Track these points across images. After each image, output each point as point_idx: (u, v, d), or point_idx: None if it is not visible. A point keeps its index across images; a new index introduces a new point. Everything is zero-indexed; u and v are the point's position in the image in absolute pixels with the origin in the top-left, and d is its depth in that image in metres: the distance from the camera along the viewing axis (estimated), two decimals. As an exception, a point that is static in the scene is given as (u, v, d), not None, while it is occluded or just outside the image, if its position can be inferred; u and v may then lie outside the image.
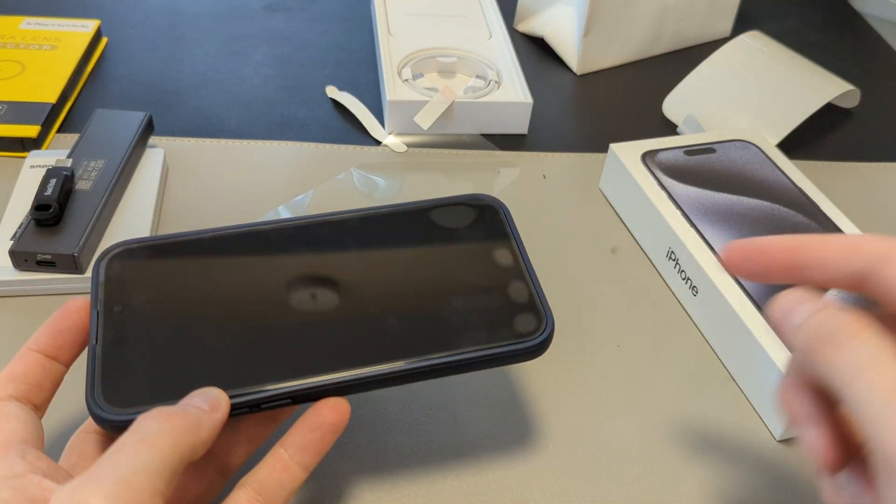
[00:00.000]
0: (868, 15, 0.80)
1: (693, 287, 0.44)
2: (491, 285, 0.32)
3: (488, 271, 0.32)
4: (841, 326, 0.22)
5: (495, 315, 0.31)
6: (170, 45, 0.65)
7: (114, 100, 0.58)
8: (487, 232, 0.34)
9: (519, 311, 0.31)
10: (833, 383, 0.22)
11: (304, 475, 0.28)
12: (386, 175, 0.54)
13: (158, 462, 0.23)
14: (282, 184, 0.52)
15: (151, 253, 0.31)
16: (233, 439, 0.29)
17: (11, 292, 0.42)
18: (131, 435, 0.24)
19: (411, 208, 0.34)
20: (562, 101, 0.63)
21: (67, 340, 0.29)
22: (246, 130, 0.56)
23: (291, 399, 0.28)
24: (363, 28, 0.69)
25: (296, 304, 0.30)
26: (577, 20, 0.64)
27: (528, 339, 0.30)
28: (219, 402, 0.26)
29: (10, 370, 0.27)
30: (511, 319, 0.31)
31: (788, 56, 0.61)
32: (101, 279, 0.30)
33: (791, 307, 0.24)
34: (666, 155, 0.51)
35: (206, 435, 0.25)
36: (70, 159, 0.47)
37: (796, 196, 0.49)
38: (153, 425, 0.24)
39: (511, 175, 0.54)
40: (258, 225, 0.33)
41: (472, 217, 0.34)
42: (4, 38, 0.60)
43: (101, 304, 0.30)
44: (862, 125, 0.63)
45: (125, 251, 0.31)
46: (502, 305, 0.31)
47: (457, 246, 0.33)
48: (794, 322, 0.24)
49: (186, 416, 0.25)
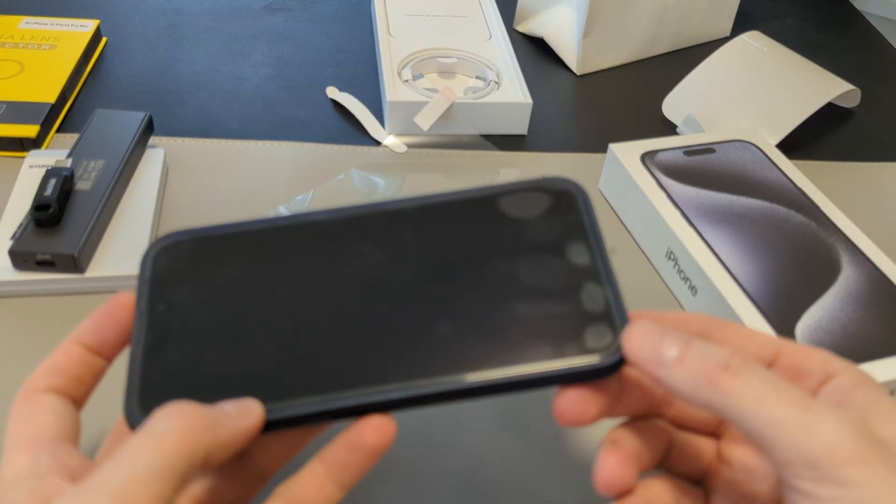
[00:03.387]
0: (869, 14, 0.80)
1: (692, 287, 0.44)
2: (562, 288, 0.27)
3: (559, 271, 0.28)
4: (730, 357, 0.24)
5: (564, 325, 0.26)
6: (170, 45, 0.65)
7: (114, 100, 0.58)
8: (562, 223, 0.29)
9: (592, 321, 0.26)
10: (732, 409, 0.23)
11: (340, 494, 0.26)
12: (386, 175, 0.54)
13: (163, 465, 0.22)
14: (282, 184, 0.52)
15: (201, 246, 0.29)
16: (271, 443, 0.28)
17: (11, 292, 0.42)
18: (139, 435, 0.23)
19: (476, 196, 0.30)
20: (561, 102, 0.63)
21: (111, 337, 0.28)
22: (246, 130, 0.56)
23: (337, 416, 0.26)
24: (363, 28, 0.69)
25: (345, 308, 0.27)
26: (577, 20, 0.64)
27: (600, 355, 0.26)
28: (248, 410, 0.25)
29: (52, 362, 0.27)
30: (581, 331, 0.26)
31: (788, 56, 0.61)
32: (147, 275, 0.28)
33: (652, 346, 0.25)
34: (665, 155, 0.51)
35: (224, 437, 0.24)
36: (70, 159, 0.47)
37: (796, 196, 0.49)
38: (163, 424, 0.23)
39: (511, 175, 0.55)
40: (312, 216, 0.30)
41: (545, 205, 0.29)
42: (3, 38, 0.60)
43: (146, 301, 0.28)
44: (862, 125, 0.63)
45: (174, 244, 0.29)
46: (574, 313, 0.27)
47: (525, 240, 0.29)
48: (666, 357, 0.24)
49: (203, 416, 0.24)
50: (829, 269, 0.44)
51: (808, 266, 0.44)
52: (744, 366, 0.23)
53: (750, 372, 0.23)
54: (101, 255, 0.43)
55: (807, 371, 0.25)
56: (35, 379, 0.26)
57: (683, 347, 0.24)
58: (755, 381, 0.23)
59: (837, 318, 0.41)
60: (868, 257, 0.45)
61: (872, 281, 0.43)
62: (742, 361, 0.23)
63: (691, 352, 0.24)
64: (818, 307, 0.42)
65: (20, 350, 0.40)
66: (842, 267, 0.44)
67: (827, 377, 0.25)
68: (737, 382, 0.23)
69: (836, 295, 0.42)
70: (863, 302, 0.42)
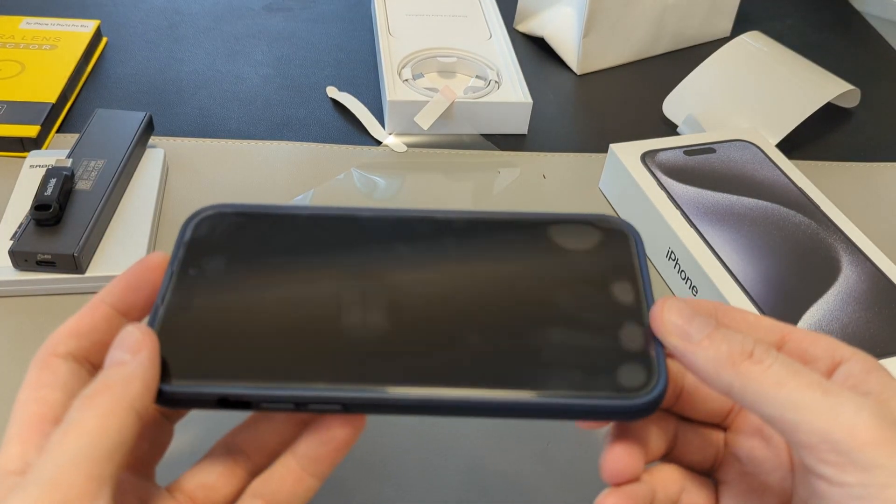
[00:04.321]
0: (868, 15, 0.80)
1: (693, 287, 0.44)
2: (601, 322, 0.27)
3: (602, 306, 0.27)
4: (755, 345, 0.24)
5: (598, 359, 0.26)
6: (170, 45, 0.65)
7: (114, 100, 0.58)
8: (611, 260, 0.28)
9: (627, 360, 0.26)
10: (752, 392, 0.23)
11: (317, 484, 0.27)
12: (386, 175, 0.54)
13: (86, 448, 0.21)
14: (282, 184, 0.52)
15: (242, 221, 0.29)
16: (266, 439, 0.28)
17: (11, 292, 0.42)
18: (60, 428, 0.22)
19: (530, 219, 0.30)
20: (562, 101, 0.63)
21: (141, 298, 0.27)
22: (246, 130, 0.56)
23: (344, 407, 0.25)
24: (363, 28, 0.69)
25: (376, 304, 0.27)
26: (577, 20, 0.64)
27: (630, 396, 0.25)
28: (140, 343, 0.24)
29: (76, 323, 0.25)
30: (615, 368, 0.25)
31: (788, 56, 0.61)
32: (186, 237, 0.28)
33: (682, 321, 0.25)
34: (666, 155, 0.51)
35: (138, 387, 0.23)
36: (70, 159, 0.47)
37: (796, 196, 0.49)
38: (74, 414, 0.22)
39: (511, 175, 0.55)
40: (358, 211, 0.29)
41: (596, 240, 0.29)
42: (4, 38, 0.60)
43: (179, 263, 0.28)
44: (862, 125, 0.63)
45: (218, 214, 0.29)
46: (609, 349, 0.26)
47: (571, 270, 0.28)
48: (694, 335, 0.25)
49: (110, 387, 0.23)
50: (829, 269, 0.44)
51: (809, 266, 0.44)
52: (766, 354, 0.24)
53: (771, 360, 0.24)
54: (101, 255, 0.43)
55: (814, 357, 0.26)
56: (56, 340, 0.25)
57: (711, 330, 0.25)
58: (776, 366, 0.23)
59: (837, 318, 0.41)
60: (868, 257, 0.45)
61: (872, 281, 0.43)
62: (765, 350, 0.24)
63: (718, 334, 0.24)
64: (818, 307, 0.42)
65: (20, 350, 0.40)
66: (842, 267, 0.44)
67: (835, 363, 0.25)
68: (759, 368, 0.23)
69: (836, 295, 0.42)
70: (863, 302, 0.42)
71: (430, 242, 0.29)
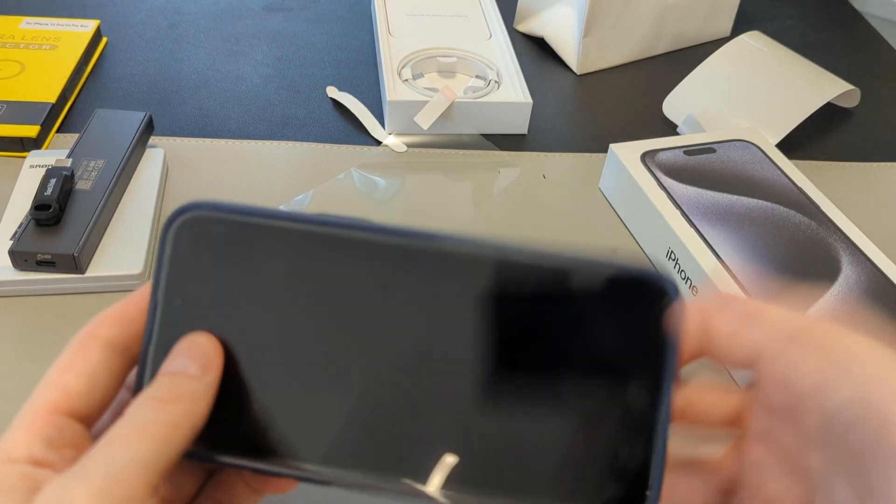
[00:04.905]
0: (868, 15, 0.80)
1: (693, 287, 0.44)
2: (604, 425, 0.23)
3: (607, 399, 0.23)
4: None
5: (588, 465, 0.23)
6: (170, 45, 0.65)
7: (114, 100, 0.58)
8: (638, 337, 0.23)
9: (623, 475, 0.23)
10: (807, 375, 0.24)
11: None
12: (386, 175, 0.54)
13: (152, 454, 0.21)
14: (282, 184, 0.52)
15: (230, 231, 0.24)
16: (239, 488, 0.27)
17: (11, 292, 0.42)
18: (124, 424, 0.22)
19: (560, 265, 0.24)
20: (562, 101, 0.63)
21: None
22: (246, 130, 0.56)
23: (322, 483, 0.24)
24: (363, 28, 0.69)
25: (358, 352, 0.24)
26: (577, 20, 0.64)
27: None
28: (210, 361, 0.23)
29: (122, 309, 0.24)
30: (605, 478, 0.23)
31: (788, 56, 0.61)
32: (167, 252, 0.24)
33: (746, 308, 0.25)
34: (666, 155, 0.51)
35: (203, 407, 0.23)
36: (70, 159, 0.47)
37: (796, 196, 0.49)
38: (146, 415, 0.22)
39: (511, 175, 0.55)
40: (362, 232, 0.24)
41: (629, 302, 0.24)
42: (4, 38, 0.60)
43: (163, 289, 0.24)
44: (862, 125, 0.63)
45: (200, 219, 0.24)
46: (604, 456, 0.23)
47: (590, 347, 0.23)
48: (760, 317, 0.25)
49: (180, 400, 0.23)
50: (828, 268, 0.44)
51: (808, 266, 0.44)
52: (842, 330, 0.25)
53: None
54: (101, 254, 0.43)
55: None
56: (100, 322, 0.24)
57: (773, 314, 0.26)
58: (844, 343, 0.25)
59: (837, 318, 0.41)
60: (868, 257, 0.45)
61: (872, 281, 0.43)
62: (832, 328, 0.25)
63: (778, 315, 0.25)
64: (818, 307, 0.42)
65: (20, 350, 0.40)
66: (842, 267, 0.44)
67: None
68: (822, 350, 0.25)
69: (836, 295, 0.42)
70: (863, 302, 0.42)
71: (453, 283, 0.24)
